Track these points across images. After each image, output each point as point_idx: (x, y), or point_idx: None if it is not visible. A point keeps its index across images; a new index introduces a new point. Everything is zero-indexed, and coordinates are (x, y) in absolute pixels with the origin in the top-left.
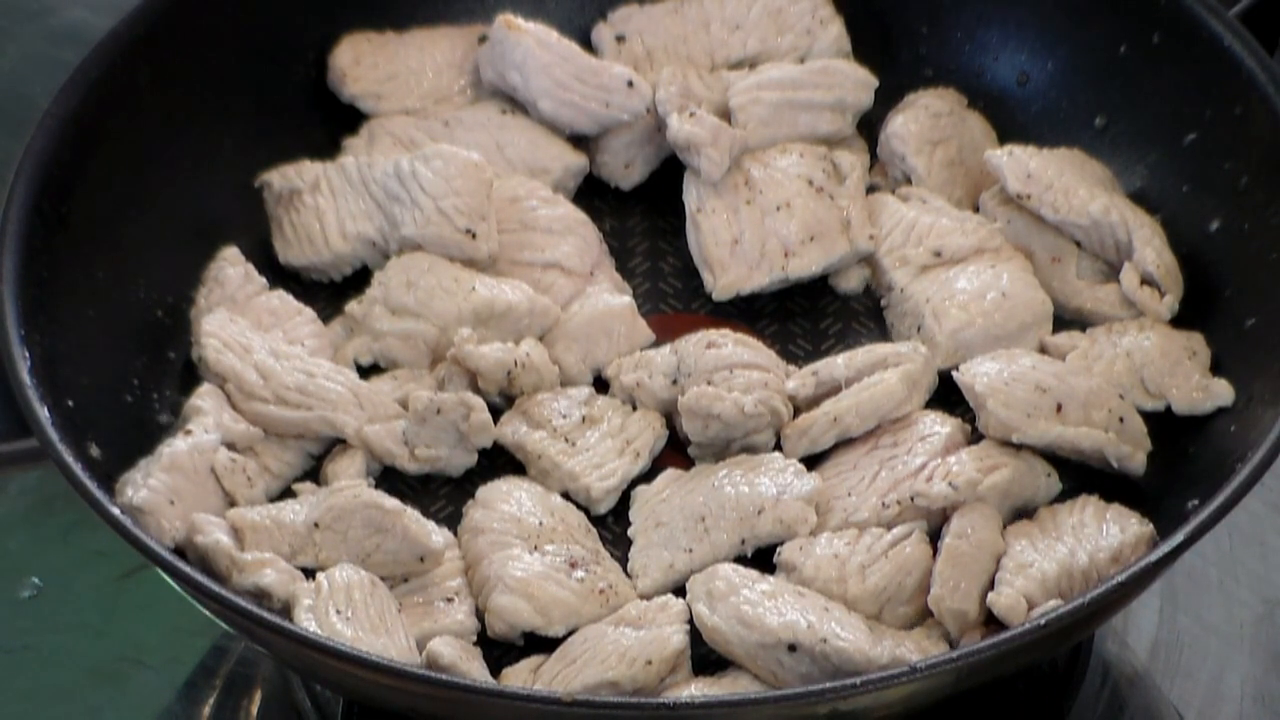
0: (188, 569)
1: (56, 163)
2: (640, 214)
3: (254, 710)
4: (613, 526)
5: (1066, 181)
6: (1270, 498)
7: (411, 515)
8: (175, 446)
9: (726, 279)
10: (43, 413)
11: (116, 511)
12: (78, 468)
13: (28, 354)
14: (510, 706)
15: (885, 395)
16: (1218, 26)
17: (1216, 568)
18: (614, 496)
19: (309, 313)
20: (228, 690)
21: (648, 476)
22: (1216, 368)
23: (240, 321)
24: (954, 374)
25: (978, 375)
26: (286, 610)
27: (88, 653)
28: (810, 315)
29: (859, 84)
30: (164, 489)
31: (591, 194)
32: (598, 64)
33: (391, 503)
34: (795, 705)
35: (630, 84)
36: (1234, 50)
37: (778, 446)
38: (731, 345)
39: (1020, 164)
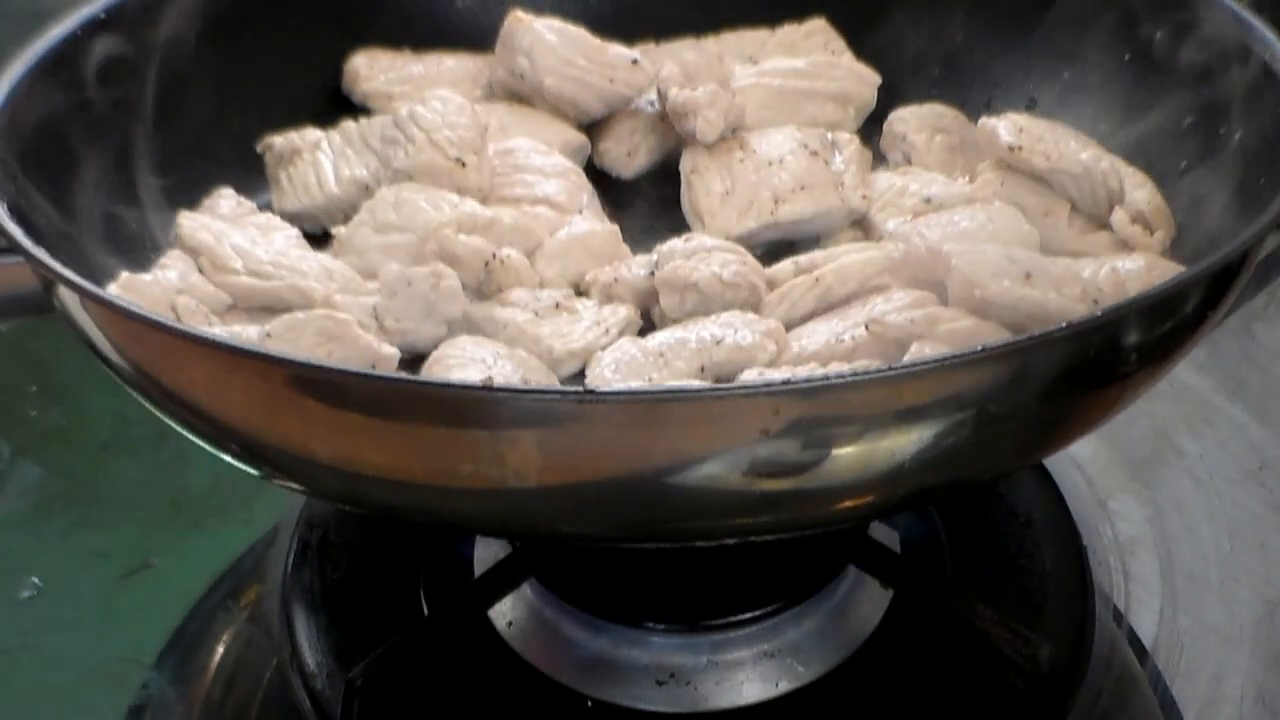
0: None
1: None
2: (639, 200)
3: (254, 710)
4: None
5: (1059, 134)
6: (1270, 498)
7: (364, 331)
8: (137, 275)
9: (715, 224)
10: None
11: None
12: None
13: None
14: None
15: (867, 261)
16: (1220, 8)
17: (1217, 568)
18: (578, 360)
19: (295, 231)
20: (228, 690)
21: None
22: None
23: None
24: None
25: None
26: None
27: (88, 653)
28: None
29: (862, 79)
30: None
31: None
32: (603, 44)
33: (343, 314)
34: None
35: (635, 62)
36: (1239, 19)
37: None
38: (711, 240)
39: (1014, 121)
